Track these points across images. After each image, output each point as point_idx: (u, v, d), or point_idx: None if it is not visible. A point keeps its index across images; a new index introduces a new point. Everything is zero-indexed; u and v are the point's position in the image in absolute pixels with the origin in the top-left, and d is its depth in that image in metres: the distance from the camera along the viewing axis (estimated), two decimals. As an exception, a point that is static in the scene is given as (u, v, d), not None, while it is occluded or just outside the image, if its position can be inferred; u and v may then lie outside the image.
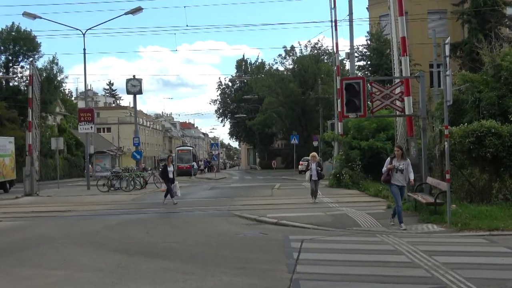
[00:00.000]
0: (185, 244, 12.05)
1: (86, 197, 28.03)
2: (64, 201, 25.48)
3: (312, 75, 62.18)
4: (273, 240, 12.27)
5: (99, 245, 12.22)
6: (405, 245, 10.88)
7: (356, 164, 27.05)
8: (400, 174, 13.57)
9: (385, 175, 13.77)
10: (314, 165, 20.51)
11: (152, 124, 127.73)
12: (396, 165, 13.59)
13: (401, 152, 13.74)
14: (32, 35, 55.48)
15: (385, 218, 15.04)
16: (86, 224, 16.52)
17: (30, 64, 34.19)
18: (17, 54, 55.95)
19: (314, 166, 20.48)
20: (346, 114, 17.28)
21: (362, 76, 36.89)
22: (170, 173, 22.17)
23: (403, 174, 13.58)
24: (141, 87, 44.70)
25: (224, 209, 19.38)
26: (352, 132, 28.74)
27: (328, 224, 14.35)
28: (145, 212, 19.76)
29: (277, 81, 64.80)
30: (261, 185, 35.64)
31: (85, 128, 35.60)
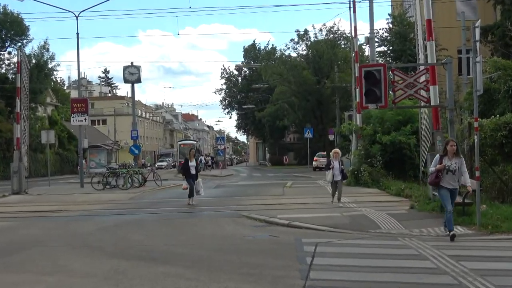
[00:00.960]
0: (188, 247, 12.09)
1: (79, 195, 28.13)
2: (55, 200, 25.59)
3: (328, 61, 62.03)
4: (285, 243, 12.28)
5: (94, 249, 12.27)
6: (429, 249, 10.86)
7: (376, 160, 27.01)
8: (452, 175, 12.39)
9: (433, 176, 12.59)
10: (337, 163, 19.42)
11: (152, 115, 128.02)
12: (447, 164, 12.39)
13: (455, 148, 12.45)
14: (20, 18, 55.54)
15: (407, 219, 15.02)
16: (79, 225, 16.59)
17: (18, 50, 34.34)
18: (3, 39, 56.05)
19: (337, 165, 19.40)
20: (365, 105, 17.22)
21: (383, 63, 36.78)
22: (193, 169, 21.47)
23: (455, 175, 12.40)
24: (139, 75, 44.76)
25: (231, 209, 19.41)
26: (372, 125, 28.67)
27: (345, 226, 14.35)
28: (144, 213, 19.83)
29: (289, 69, 64.64)
30: (271, 183, 35.65)
31: (78, 120, 35.71)
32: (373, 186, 25.91)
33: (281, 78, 65.84)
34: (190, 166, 21.45)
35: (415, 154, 25.72)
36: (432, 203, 16.96)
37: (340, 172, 19.35)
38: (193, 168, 21.49)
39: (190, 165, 21.47)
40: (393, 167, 26.66)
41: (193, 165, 21.58)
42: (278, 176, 46.35)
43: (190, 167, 21.43)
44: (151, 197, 26.47)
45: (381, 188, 24.98)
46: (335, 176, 19.31)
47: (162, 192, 29.96)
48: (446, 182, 12.41)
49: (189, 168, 21.43)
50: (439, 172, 12.42)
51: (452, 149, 12.42)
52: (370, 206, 18.42)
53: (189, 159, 21.73)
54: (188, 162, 21.57)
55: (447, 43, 40.40)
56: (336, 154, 19.92)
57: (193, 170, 21.49)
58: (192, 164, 21.54)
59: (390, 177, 25.97)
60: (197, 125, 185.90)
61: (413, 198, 19.25)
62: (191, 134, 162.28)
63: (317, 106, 64.06)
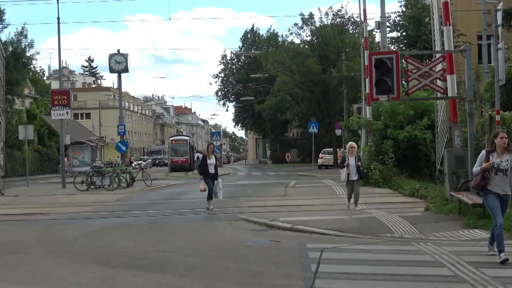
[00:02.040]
0: (181, 254, 12.11)
1: (61, 197, 28.14)
2: (35, 202, 25.59)
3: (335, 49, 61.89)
4: (287, 249, 12.30)
5: (77, 255, 12.29)
6: (446, 255, 10.88)
7: (388, 157, 27.01)
8: (502, 176, 10.62)
9: (477, 178, 10.85)
10: (353, 160, 18.31)
11: (141, 109, 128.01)
12: (496, 162, 10.66)
13: (506, 142, 10.67)
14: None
15: (422, 222, 15.05)
16: (62, 229, 16.59)
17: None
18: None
19: (353, 161, 18.28)
20: (376, 97, 17.21)
21: (395, 50, 36.77)
22: (212, 167, 20.47)
23: (508, 176, 10.64)
24: (127, 64, 44.70)
25: (228, 212, 19.44)
26: (383, 119, 28.68)
27: (353, 230, 14.38)
28: (132, 216, 19.84)
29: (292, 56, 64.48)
30: (272, 182, 35.67)
31: (59, 114, 35.69)
32: (385, 186, 25.93)
33: (283, 67, 65.70)
34: (208, 164, 20.40)
35: (430, 150, 25.72)
36: (450, 204, 16.99)
37: (356, 170, 18.29)
38: (212, 166, 20.49)
39: (209, 163, 20.42)
40: (406, 165, 26.66)
41: (212, 163, 20.57)
42: (280, 175, 46.37)
43: (208, 165, 20.40)
44: (140, 199, 26.48)
45: (393, 188, 25.00)
46: (350, 175, 18.27)
47: (152, 193, 29.97)
48: (494, 185, 10.66)
49: (207, 166, 20.40)
50: (485, 173, 10.70)
51: (503, 142, 10.62)
52: (381, 207, 18.44)
53: (207, 156, 20.58)
54: (206, 159, 20.49)
55: (466, 28, 40.37)
56: (352, 148, 18.58)
57: (212, 169, 20.47)
58: (211, 162, 20.52)
59: (403, 176, 25.97)
60: (190, 119, 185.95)
61: (428, 199, 19.26)
62: (184, 129, 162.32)
63: (322, 97, 63.92)
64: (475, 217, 14.78)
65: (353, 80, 54.25)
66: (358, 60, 45.93)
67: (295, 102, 69.99)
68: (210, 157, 20.57)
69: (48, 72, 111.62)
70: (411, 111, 27.40)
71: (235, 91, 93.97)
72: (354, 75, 52.72)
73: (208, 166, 20.39)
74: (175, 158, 67.20)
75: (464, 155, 17.50)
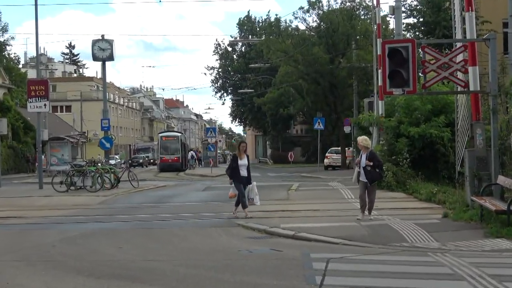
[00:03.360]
0: (172, 263, 12.12)
1: (38, 199, 28.16)
2: (8, 204, 25.61)
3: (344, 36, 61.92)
4: (289, 259, 12.31)
5: (55, 264, 12.29)
6: (467, 267, 10.89)
7: (402, 157, 26.99)
8: None
9: None
10: (364, 158, 17.57)
11: (127, 101, 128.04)
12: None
13: None
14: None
15: (440, 230, 15.05)
16: (38, 235, 16.61)
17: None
18: None
19: (364, 159, 17.53)
20: (389, 90, 17.22)
21: (411, 38, 36.77)
22: (243, 169, 19.39)
23: None
24: (112, 51, 44.58)
25: (223, 217, 19.46)
26: (397, 115, 28.68)
27: (363, 238, 14.40)
28: (117, 220, 19.87)
29: (296, 44, 64.47)
30: (273, 184, 35.66)
31: (36, 106, 35.69)
32: (398, 190, 25.92)
33: (286, 56, 65.67)
34: (239, 165, 19.31)
35: (449, 150, 25.72)
36: (471, 210, 16.98)
37: (367, 171, 17.43)
38: (244, 168, 19.39)
39: (240, 164, 19.32)
40: (422, 166, 26.65)
41: (244, 164, 19.42)
42: (282, 177, 46.40)
43: (239, 167, 19.32)
44: (126, 201, 26.50)
45: (408, 192, 25.00)
46: (361, 176, 17.58)
47: (139, 195, 30.01)
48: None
49: (238, 168, 19.32)
50: None
51: None
52: (394, 214, 18.45)
53: (239, 156, 19.48)
54: (237, 160, 19.41)
55: (491, 14, 40.35)
56: (364, 144, 17.73)
57: (244, 171, 19.40)
58: (243, 163, 19.38)
59: (419, 178, 25.97)
60: (182, 113, 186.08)
61: (447, 205, 19.28)
62: (175, 124, 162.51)
63: (330, 90, 63.97)
64: (498, 225, 14.78)
65: (364, 72, 54.20)
66: (370, 49, 45.92)
67: (299, 95, 70.14)
68: (242, 157, 19.46)
69: (24, 59, 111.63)
70: (428, 105, 27.36)
71: (232, 82, 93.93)
72: (365, 65, 52.66)
73: (239, 167, 19.28)
74: (165, 157, 67.26)
75: (487, 155, 17.50)
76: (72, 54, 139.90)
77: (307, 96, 67.24)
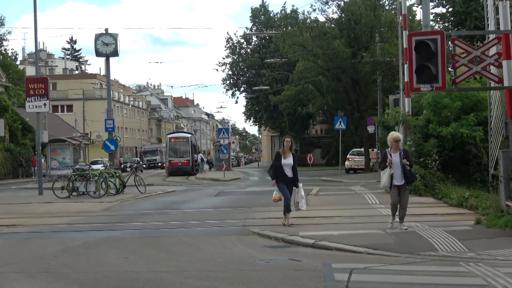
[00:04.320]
0: (182, 275, 12.14)
1: (37, 205, 28.26)
2: (6, 212, 25.72)
3: (367, 28, 61.81)
4: (309, 269, 12.31)
5: (57, 276, 12.34)
6: (501, 278, 10.86)
7: (431, 159, 26.94)
8: None
9: None
10: (397, 157, 16.79)
11: (133, 100, 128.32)
12: None
13: None
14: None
15: (472, 238, 15.01)
16: (38, 245, 16.67)
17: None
18: None
19: (397, 159, 16.75)
20: (417, 86, 17.19)
21: (440, 30, 36.68)
22: (288, 169, 18.72)
23: None
24: (117, 46, 44.78)
25: (237, 225, 19.47)
26: (426, 113, 28.61)
27: (389, 247, 14.38)
28: (123, 228, 19.92)
29: (315, 37, 64.40)
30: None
31: (35, 106, 35.83)
32: (427, 194, 25.87)
33: (304, 50, 65.65)
34: (283, 164, 18.68)
35: (482, 151, 25.66)
36: (506, 216, 16.92)
37: (402, 172, 16.78)
38: (288, 168, 18.73)
39: (284, 163, 18.67)
40: (453, 169, 26.60)
41: (289, 164, 18.71)
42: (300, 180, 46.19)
43: (283, 167, 18.71)
44: (132, 208, 26.56)
45: (437, 196, 24.95)
46: (394, 179, 16.83)
47: (147, 201, 30.07)
48: None
49: (282, 167, 18.70)
50: None
51: None
52: (422, 220, 18.40)
53: (283, 155, 18.78)
54: (280, 158, 18.70)
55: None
56: (397, 142, 17.01)
57: (289, 171, 18.78)
58: (287, 162, 18.69)
59: (449, 182, 25.94)
60: (192, 112, 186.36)
61: (479, 210, 19.21)
62: (185, 124, 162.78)
63: (352, 87, 63.86)
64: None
65: (389, 66, 54.14)
66: (395, 42, 45.85)
67: (319, 92, 69.99)
68: (287, 156, 18.76)
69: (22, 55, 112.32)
70: (457, 102, 27.27)
71: (246, 79, 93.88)
72: (390, 60, 52.60)
73: (283, 167, 18.67)
74: (174, 160, 67.36)
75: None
76: (73, 50, 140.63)
77: (327, 94, 67.11)
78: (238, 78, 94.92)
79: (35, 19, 37.29)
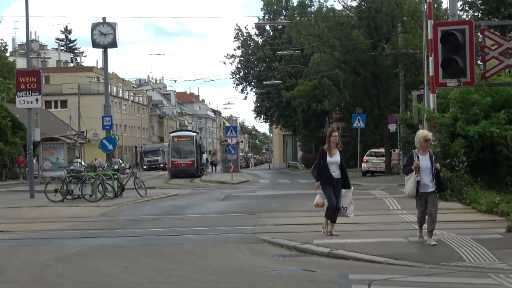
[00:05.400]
0: (185, 286, 12.16)
1: (29, 210, 28.31)
2: (-6, 217, 25.81)
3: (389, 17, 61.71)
4: (324, 281, 12.32)
5: (49, 287, 12.37)
6: (536, 292, 10.85)
7: (458, 161, 26.88)
8: None
9: None
10: (426, 160, 15.78)
11: (133, 95, 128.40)
12: None
13: None
14: None
15: (503, 247, 14.97)
16: (30, 252, 16.71)
17: None
18: None
19: (426, 162, 15.74)
20: (443, 81, 17.22)
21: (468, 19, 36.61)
22: (335, 168, 17.42)
23: None
24: (115, 37, 44.85)
25: (246, 231, 19.46)
26: (452, 110, 28.55)
27: (411, 257, 14.36)
28: (121, 235, 19.94)
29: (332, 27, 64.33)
30: (304, 193, 35.63)
31: (26, 101, 35.89)
32: (453, 199, 25.81)
33: (320, 42, 65.63)
34: (329, 163, 17.39)
35: (514, 152, 25.62)
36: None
37: (432, 177, 15.79)
38: (335, 167, 17.43)
39: (330, 161, 17.39)
40: (482, 172, 26.53)
41: (335, 162, 17.40)
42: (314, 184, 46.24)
43: (329, 166, 17.42)
44: (132, 213, 26.60)
45: (465, 201, 24.88)
46: (421, 185, 15.77)
47: (147, 205, 30.11)
48: None
49: (328, 167, 17.41)
50: None
51: None
52: (448, 227, 18.36)
53: (328, 151, 17.47)
54: (326, 156, 17.43)
55: None
56: (426, 141, 15.87)
57: (337, 171, 17.48)
58: (334, 160, 17.39)
59: (478, 185, 25.87)
60: (197, 109, 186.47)
61: (511, 217, 19.18)
62: (189, 122, 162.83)
63: (372, 82, 63.76)
64: None
65: (413, 59, 54.04)
66: (419, 32, 45.82)
67: (335, 87, 69.87)
68: (333, 153, 17.43)
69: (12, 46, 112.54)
70: (487, 98, 27.17)
71: (256, 73, 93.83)
72: (413, 52, 52.51)
73: (329, 166, 17.40)
74: (178, 161, 67.31)
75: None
76: (68, 40, 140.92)
77: (344, 89, 67.00)
78: (248, 71, 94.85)
79: (26, 6, 37.32)
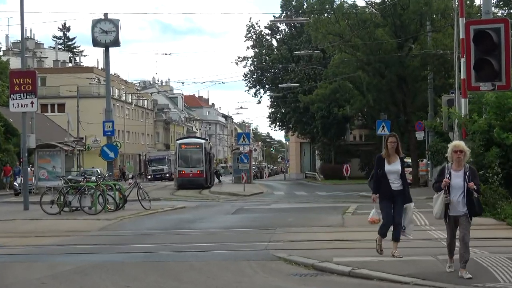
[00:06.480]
0: (192, 307, 12.17)
1: (22, 223, 28.38)
2: (-15, 230, 25.88)
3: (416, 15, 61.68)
4: (345, 303, 12.31)
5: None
6: None
7: (492, 172, 26.82)
8: None
9: None
10: (459, 177, 14.45)
11: (137, 98, 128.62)
12: None
13: None
14: None
15: (541, 268, 14.94)
16: (23, 269, 16.77)
17: None
18: None
19: (459, 180, 14.41)
20: (475, 85, 17.22)
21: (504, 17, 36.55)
22: (395, 178, 16.54)
23: None
24: (118, 35, 44.95)
25: (259, 248, 19.45)
26: (486, 116, 28.48)
27: (441, 277, 14.34)
28: (122, 251, 19.96)
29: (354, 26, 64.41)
30: (323, 206, 35.66)
31: (21, 105, 35.98)
32: (487, 214, 25.69)
33: (341, 41, 65.65)
34: (387, 173, 16.55)
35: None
36: None
37: (464, 197, 14.43)
38: (395, 177, 16.57)
39: (389, 170, 16.54)
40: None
41: (395, 171, 16.53)
42: (335, 196, 46.34)
43: (388, 176, 16.57)
44: (135, 227, 26.63)
45: (499, 217, 24.86)
46: (451, 207, 14.50)
47: (152, 219, 30.14)
48: None
49: (387, 177, 16.58)
50: None
51: None
52: (481, 245, 18.34)
53: (386, 159, 16.61)
54: (384, 164, 16.60)
55: None
56: (459, 153, 14.45)
57: (397, 182, 16.60)
58: (393, 169, 16.52)
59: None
60: (207, 113, 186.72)
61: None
62: (198, 128, 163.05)
63: (397, 85, 63.69)
64: None
65: (442, 61, 53.96)
66: (450, 31, 45.76)
67: (358, 91, 69.92)
68: (392, 160, 16.58)
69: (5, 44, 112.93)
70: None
71: (271, 75, 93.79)
72: (443, 53, 52.43)
73: (388, 176, 16.54)
74: (185, 170, 67.27)
75: None
76: (66, 38, 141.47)
77: (368, 93, 66.97)
78: (262, 74, 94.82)
79: (21, 1, 37.44)
